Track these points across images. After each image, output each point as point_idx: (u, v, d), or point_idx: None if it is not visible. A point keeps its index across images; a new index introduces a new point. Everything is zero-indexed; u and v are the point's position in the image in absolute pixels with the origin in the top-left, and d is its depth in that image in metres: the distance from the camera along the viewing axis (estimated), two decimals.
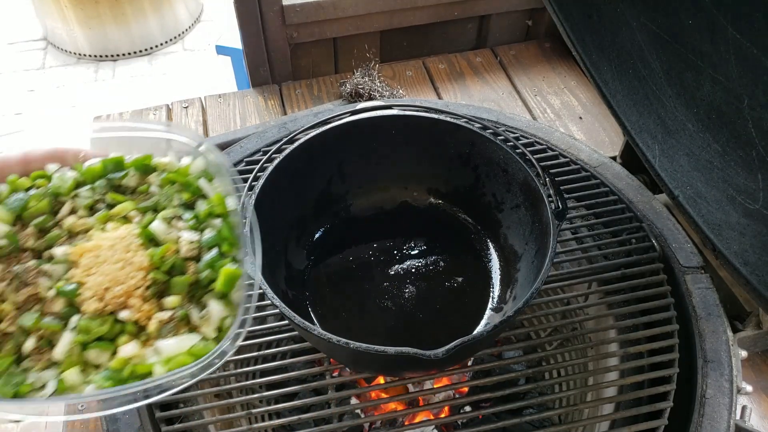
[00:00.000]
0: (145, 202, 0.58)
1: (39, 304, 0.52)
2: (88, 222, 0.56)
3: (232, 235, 0.56)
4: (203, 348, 0.50)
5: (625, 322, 0.81)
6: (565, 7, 0.88)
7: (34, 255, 0.54)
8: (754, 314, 0.84)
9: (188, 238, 0.55)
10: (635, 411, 0.73)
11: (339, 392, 0.79)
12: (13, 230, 0.54)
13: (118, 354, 0.50)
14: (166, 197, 0.57)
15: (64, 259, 0.53)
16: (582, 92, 1.32)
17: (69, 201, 0.57)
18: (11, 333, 0.50)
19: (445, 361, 0.61)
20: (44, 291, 0.52)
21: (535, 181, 0.75)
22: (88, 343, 0.50)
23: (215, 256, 0.54)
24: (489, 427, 0.71)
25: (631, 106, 0.86)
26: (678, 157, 0.81)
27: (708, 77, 0.72)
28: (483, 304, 0.81)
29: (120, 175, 0.58)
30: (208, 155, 0.59)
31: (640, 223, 0.89)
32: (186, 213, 0.57)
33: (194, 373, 0.48)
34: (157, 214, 0.56)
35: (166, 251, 0.54)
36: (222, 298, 0.53)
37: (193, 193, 0.58)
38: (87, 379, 0.49)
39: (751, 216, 0.71)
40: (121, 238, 0.54)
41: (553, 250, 0.68)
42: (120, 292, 0.51)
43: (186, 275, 0.53)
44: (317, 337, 0.62)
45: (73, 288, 0.51)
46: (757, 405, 0.81)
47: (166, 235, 0.55)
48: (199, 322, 0.52)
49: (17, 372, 0.49)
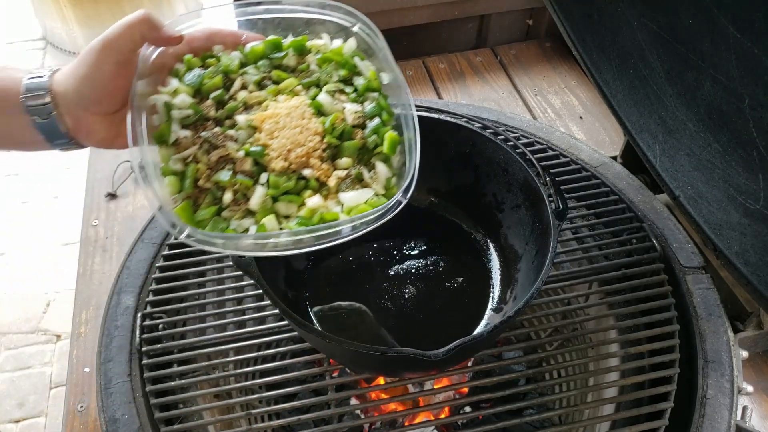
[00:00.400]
0: (307, 78, 0.64)
1: (229, 164, 0.59)
2: (261, 95, 0.62)
3: (389, 106, 0.63)
4: (378, 200, 0.59)
5: (626, 323, 0.81)
6: (566, 7, 0.87)
7: (216, 123, 0.61)
8: (755, 314, 0.84)
9: (352, 108, 0.62)
10: (636, 411, 0.73)
11: (339, 393, 0.79)
12: (195, 101, 0.61)
13: (306, 205, 0.58)
14: (326, 74, 0.64)
15: (248, 125, 0.60)
16: (582, 92, 1.31)
17: (239, 78, 0.63)
18: (208, 189, 0.58)
19: (446, 362, 0.61)
20: (234, 153, 0.59)
21: (536, 181, 0.74)
22: (277, 197, 0.58)
23: (378, 124, 0.62)
24: (489, 428, 0.70)
25: (632, 105, 0.86)
26: (679, 157, 0.81)
27: (708, 77, 0.72)
28: (483, 304, 0.81)
29: (280, 56, 0.65)
30: (361, 35, 0.65)
31: (641, 223, 0.89)
32: (346, 87, 0.64)
33: (378, 217, 0.56)
34: (321, 89, 0.63)
35: (336, 119, 0.61)
36: (385, 161, 0.62)
37: (350, 70, 0.65)
38: (281, 226, 0.57)
39: (751, 216, 0.70)
40: (295, 107, 0.61)
41: (554, 250, 0.67)
42: (302, 153, 0.59)
43: (355, 140, 0.61)
44: (317, 338, 0.62)
45: (260, 149, 0.59)
46: (758, 405, 0.81)
47: (332, 106, 0.62)
48: (369, 180, 0.61)
49: (220, 220, 0.57)
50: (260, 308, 0.82)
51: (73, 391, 0.84)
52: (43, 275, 2.09)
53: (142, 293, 0.84)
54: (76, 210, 1.11)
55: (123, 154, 1.17)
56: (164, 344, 0.77)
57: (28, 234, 2.26)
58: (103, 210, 1.08)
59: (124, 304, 0.82)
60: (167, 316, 0.81)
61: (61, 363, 1.83)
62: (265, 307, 0.81)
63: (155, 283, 0.84)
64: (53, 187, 2.42)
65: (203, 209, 0.57)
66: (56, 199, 2.38)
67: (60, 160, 2.53)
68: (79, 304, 0.94)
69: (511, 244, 0.83)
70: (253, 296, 0.86)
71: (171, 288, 0.85)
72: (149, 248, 0.89)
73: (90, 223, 1.06)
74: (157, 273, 0.86)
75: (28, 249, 2.21)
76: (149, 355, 0.77)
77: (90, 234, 1.04)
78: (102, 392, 0.74)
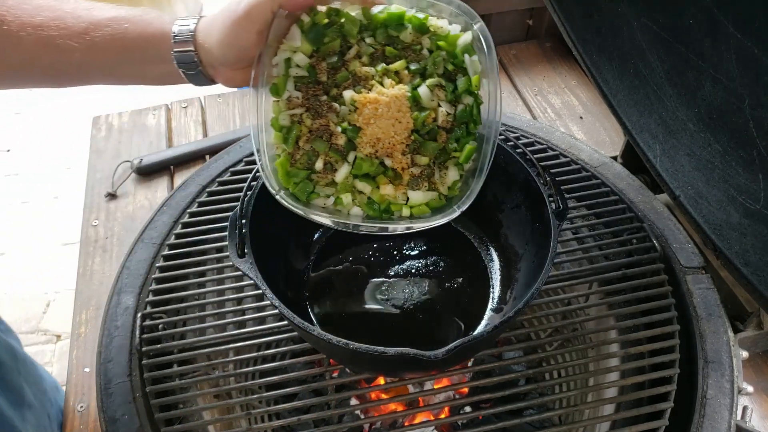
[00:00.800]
0: (415, 64, 0.67)
1: (327, 134, 0.65)
2: (369, 71, 0.66)
3: (479, 116, 0.67)
4: (437, 201, 0.68)
5: (626, 323, 0.81)
6: (566, 7, 0.87)
7: (325, 91, 0.66)
8: (755, 315, 0.84)
9: (446, 109, 0.67)
10: (636, 412, 0.73)
11: (339, 393, 0.79)
12: (312, 60, 0.66)
13: (380, 191, 0.67)
14: (434, 64, 0.66)
15: (351, 102, 0.65)
16: (582, 92, 1.31)
17: (355, 46, 0.66)
18: (305, 151, 0.66)
19: (446, 362, 0.61)
20: (333, 126, 0.65)
21: (536, 181, 0.74)
22: (358, 176, 0.67)
23: (463, 133, 0.67)
24: (489, 428, 0.70)
25: (632, 105, 0.86)
26: (679, 157, 0.81)
27: (709, 77, 0.72)
28: (483, 304, 0.81)
29: (399, 30, 0.67)
30: (477, 33, 0.66)
31: (641, 223, 0.89)
32: (448, 84, 0.67)
33: (434, 219, 0.66)
34: (425, 80, 0.66)
35: (428, 118, 0.66)
36: (456, 166, 0.68)
37: (457, 65, 0.67)
38: (355, 201, 0.67)
39: (752, 216, 0.70)
40: (396, 98, 0.64)
41: (554, 250, 0.67)
42: (389, 144, 0.65)
43: (438, 143, 0.67)
44: (317, 338, 0.62)
45: (355, 132, 0.65)
46: (758, 405, 0.81)
47: (429, 101, 0.66)
48: (437, 180, 0.68)
49: (308, 183, 0.66)
50: (260, 308, 0.82)
51: (73, 391, 0.84)
52: (43, 275, 2.09)
53: (142, 293, 0.84)
54: (76, 210, 1.11)
55: (123, 154, 1.18)
56: (164, 344, 0.77)
57: (28, 234, 2.26)
58: (103, 210, 1.08)
59: (124, 304, 0.82)
60: (167, 316, 0.81)
61: (61, 363, 1.83)
62: (265, 307, 0.81)
63: (155, 283, 0.84)
64: (53, 187, 2.42)
65: (297, 167, 0.66)
66: (56, 199, 2.38)
67: (60, 160, 2.53)
68: (79, 305, 0.94)
69: (511, 244, 0.83)
70: (253, 296, 0.86)
71: (171, 288, 0.85)
72: (149, 248, 0.89)
73: (90, 223, 1.06)
74: (157, 273, 0.86)
75: (28, 249, 2.21)
76: (149, 355, 0.76)
77: (90, 234, 1.04)
78: (102, 392, 0.74)
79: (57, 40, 0.63)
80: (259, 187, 0.73)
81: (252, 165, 0.98)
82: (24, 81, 0.70)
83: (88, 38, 0.63)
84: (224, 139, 1.16)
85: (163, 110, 1.28)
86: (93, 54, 0.65)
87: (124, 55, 0.65)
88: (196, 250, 0.88)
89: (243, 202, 0.71)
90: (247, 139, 1.04)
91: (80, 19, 0.64)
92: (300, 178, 0.66)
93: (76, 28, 0.63)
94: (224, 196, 0.95)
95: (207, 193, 0.96)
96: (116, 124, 1.25)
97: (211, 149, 1.15)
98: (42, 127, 2.70)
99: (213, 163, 1.01)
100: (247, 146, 1.03)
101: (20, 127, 2.71)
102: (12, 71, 0.66)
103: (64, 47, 0.63)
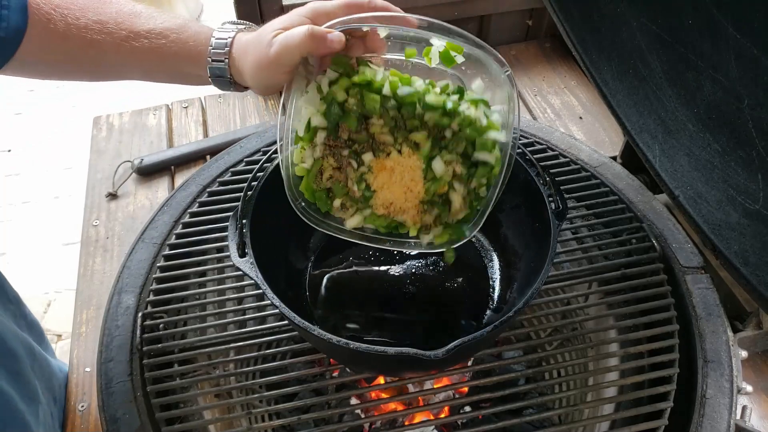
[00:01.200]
0: (435, 136, 0.66)
1: (344, 183, 0.68)
2: (388, 139, 0.66)
3: (486, 207, 0.68)
4: (448, 235, 0.69)
5: (626, 322, 0.81)
6: (565, 7, 0.88)
7: (346, 144, 0.67)
8: (755, 314, 0.84)
9: (459, 189, 0.67)
10: (635, 411, 0.73)
11: (339, 392, 0.79)
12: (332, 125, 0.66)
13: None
14: (455, 142, 0.65)
15: (368, 165, 0.67)
16: (582, 92, 1.32)
17: (377, 116, 0.65)
18: (324, 186, 0.69)
19: (445, 362, 0.61)
20: (350, 182, 0.68)
21: (536, 181, 0.74)
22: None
23: (467, 223, 0.69)
24: (489, 428, 0.70)
25: (631, 106, 0.86)
26: (678, 157, 0.81)
27: (708, 77, 0.72)
28: (483, 304, 0.81)
29: (423, 114, 0.65)
30: (507, 117, 0.66)
31: (641, 223, 0.89)
32: (464, 162, 0.67)
33: (447, 246, 0.69)
34: (441, 150, 0.66)
35: (440, 188, 0.67)
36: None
37: (479, 149, 0.66)
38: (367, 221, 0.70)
39: (751, 216, 0.71)
40: (410, 168, 0.66)
41: (554, 250, 0.68)
42: (400, 207, 0.68)
43: (443, 213, 0.68)
44: (317, 338, 0.62)
45: (369, 194, 0.68)
46: (758, 405, 0.81)
47: (443, 176, 0.66)
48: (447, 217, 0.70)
49: (328, 203, 0.69)
50: (261, 308, 0.82)
51: (74, 390, 0.85)
52: (44, 275, 2.09)
53: (142, 293, 0.84)
54: (77, 210, 1.11)
55: (123, 154, 1.18)
56: (165, 344, 0.78)
57: (29, 234, 2.26)
58: (104, 210, 1.08)
59: (125, 303, 0.82)
60: (168, 316, 0.81)
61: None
62: (266, 306, 0.81)
63: (156, 282, 0.85)
64: (54, 187, 2.42)
65: (318, 195, 0.69)
66: (57, 199, 2.38)
67: (61, 160, 2.53)
68: (80, 304, 0.94)
69: (511, 244, 0.83)
70: (253, 296, 0.86)
71: (171, 288, 0.85)
72: (150, 248, 0.89)
73: (90, 223, 1.06)
74: (158, 273, 0.86)
75: (28, 249, 2.21)
76: (150, 354, 0.77)
77: (90, 234, 1.04)
78: (103, 392, 0.74)
79: (99, 42, 0.66)
80: (259, 187, 0.73)
81: (253, 165, 0.98)
82: (66, 74, 0.73)
83: (128, 46, 0.67)
84: (225, 139, 1.16)
85: (163, 110, 1.28)
86: (132, 59, 0.68)
87: (161, 65, 0.69)
88: (196, 250, 0.88)
89: (243, 202, 0.72)
90: (248, 139, 1.05)
91: (121, 26, 0.67)
92: (320, 203, 0.70)
93: (117, 34, 0.67)
94: (225, 195, 0.95)
95: (208, 193, 0.96)
96: (117, 125, 1.25)
97: (211, 149, 1.16)
98: (43, 127, 2.70)
99: (214, 163, 1.01)
100: (248, 146, 1.03)
101: (21, 128, 2.72)
102: (57, 65, 0.70)
103: (106, 49, 0.67)
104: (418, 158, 0.66)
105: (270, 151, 0.85)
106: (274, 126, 1.07)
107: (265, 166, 0.77)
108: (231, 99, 1.31)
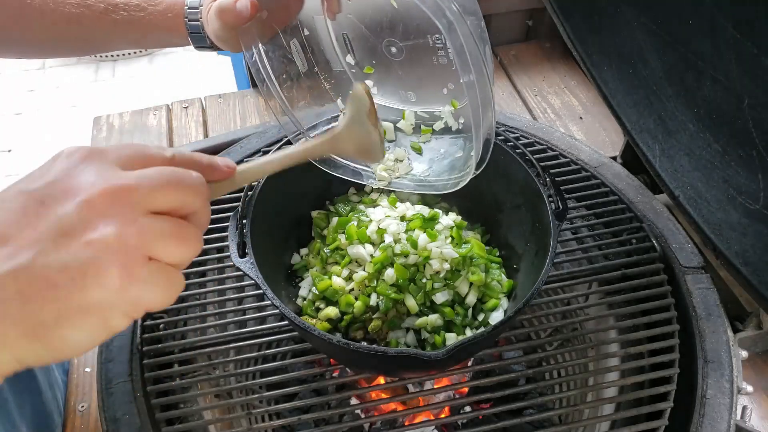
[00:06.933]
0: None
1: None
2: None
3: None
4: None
5: (626, 323, 0.81)
6: (566, 7, 0.87)
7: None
8: (755, 314, 0.84)
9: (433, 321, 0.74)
10: (635, 411, 0.73)
11: (339, 393, 0.79)
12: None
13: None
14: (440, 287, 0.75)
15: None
16: (582, 92, 1.32)
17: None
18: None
19: (446, 362, 0.61)
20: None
21: (536, 182, 0.74)
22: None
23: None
24: (489, 428, 0.70)
25: (632, 106, 0.86)
26: (678, 157, 0.81)
27: (708, 77, 0.72)
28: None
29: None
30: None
31: (641, 223, 0.89)
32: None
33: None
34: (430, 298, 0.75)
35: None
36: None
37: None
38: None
39: (751, 216, 0.71)
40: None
41: (554, 250, 0.68)
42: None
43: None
44: (317, 338, 0.62)
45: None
46: (758, 405, 0.81)
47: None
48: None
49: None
50: (261, 308, 0.82)
51: (74, 391, 0.85)
52: None
53: None
54: None
55: None
56: (165, 344, 0.78)
57: None
58: None
59: None
60: (168, 316, 0.81)
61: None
62: (266, 306, 0.81)
63: None
64: None
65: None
66: None
67: None
68: None
69: (511, 244, 0.83)
70: (253, 296, 0.86)
71: None
72: None
73: None
74: None
75: None
76: (150, 354, 0.77)
77: None
78: (103, 392, 0.74)
79: (78, 17, 0.69)
80: (260, 187, 0.73)
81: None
82: (55, 52, 0.77)
83: (108, 19, 0.70)
84: (225, 139, 1.16)
85: (163, 111, 1.28)
86: (114, 32, 0.71)
87: (143, 38, 0.73)
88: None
89: (244, 202, 0.72)
90: (248, 139, 1.05)
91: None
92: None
93: (96, 8, 0.69)
94: (225, 196, 0.94)
95: None
96: (117, 125, 1.25)
97: (211, 149, 1.15)
98: (43, 127, 2.70)
99: None
100: (248, 146, 1.03)
101: (21, 128, 2.72)
102: (41, 44, 0.72)
103: (87, 24, 0.69)
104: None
105: (270, 151, 0.85)
106: (274, 126, 1.07)
107: None
108: (231, 99, 1.31)
